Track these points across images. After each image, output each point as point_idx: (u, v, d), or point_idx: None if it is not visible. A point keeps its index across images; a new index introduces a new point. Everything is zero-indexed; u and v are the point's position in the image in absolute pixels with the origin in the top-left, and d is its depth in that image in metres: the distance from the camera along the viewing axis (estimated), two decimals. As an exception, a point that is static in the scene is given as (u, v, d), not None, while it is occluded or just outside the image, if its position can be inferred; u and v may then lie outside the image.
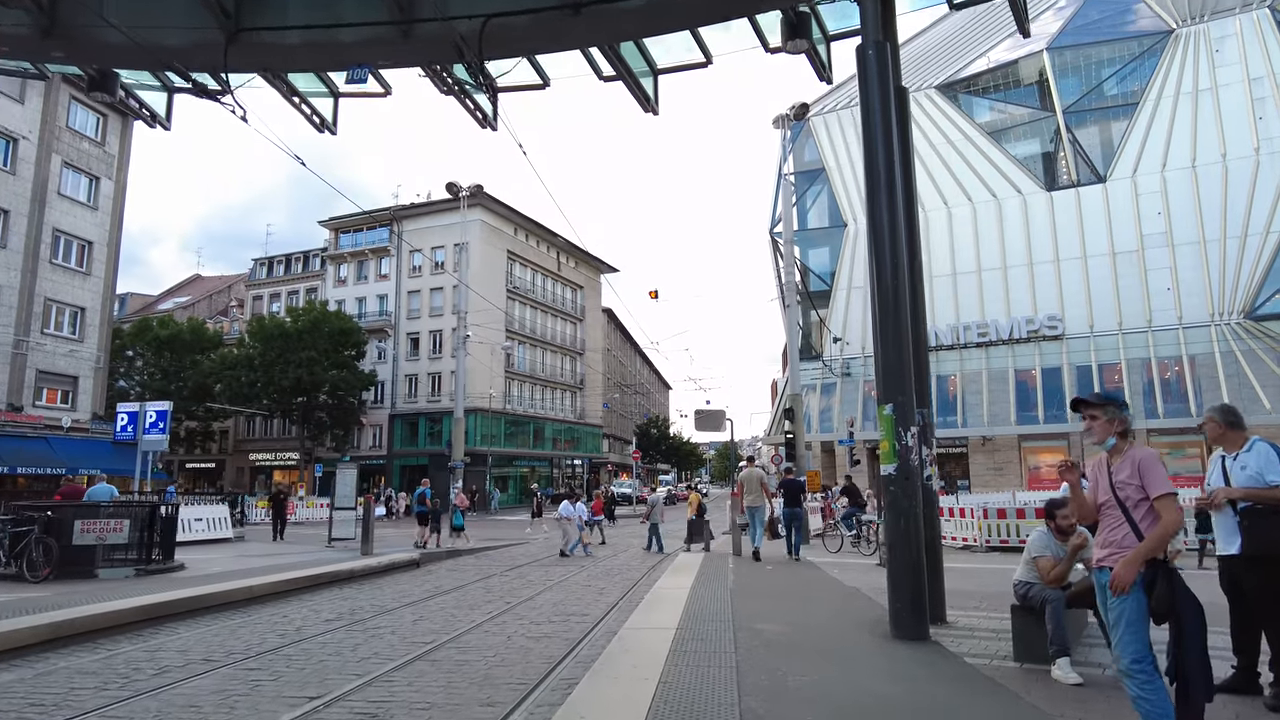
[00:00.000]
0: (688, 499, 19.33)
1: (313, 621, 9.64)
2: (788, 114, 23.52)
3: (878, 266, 7.27)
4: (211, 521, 21.25)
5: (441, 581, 13.96)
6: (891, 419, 6.92)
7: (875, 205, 7.30)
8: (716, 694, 5.28)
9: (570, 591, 12.31)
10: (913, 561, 6.73)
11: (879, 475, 7.00)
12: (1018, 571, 5.98)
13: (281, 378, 46.47)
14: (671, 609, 8.72)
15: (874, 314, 7.25)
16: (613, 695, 5.26)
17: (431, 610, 10.52)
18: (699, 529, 18.40)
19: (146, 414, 23.06)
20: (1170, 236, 34.41)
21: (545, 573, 15.22)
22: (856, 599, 9.66)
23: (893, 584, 6.87)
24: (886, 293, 7.16)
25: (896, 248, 7.17)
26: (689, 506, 19.08)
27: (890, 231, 7.18)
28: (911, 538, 6.77)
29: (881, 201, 7.24)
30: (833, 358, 40.03)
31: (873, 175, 7.36)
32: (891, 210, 7.22)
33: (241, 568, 14.38)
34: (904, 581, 6.74)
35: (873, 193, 7.34)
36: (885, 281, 7.19)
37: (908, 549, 6.76)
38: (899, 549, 6.81)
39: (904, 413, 6.91)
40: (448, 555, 18.54)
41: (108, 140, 35.47)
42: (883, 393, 7.06)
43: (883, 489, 7.02)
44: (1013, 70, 38.92)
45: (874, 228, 7.32)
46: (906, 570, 6.73)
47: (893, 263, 7.17)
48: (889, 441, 6.93)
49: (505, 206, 55.31)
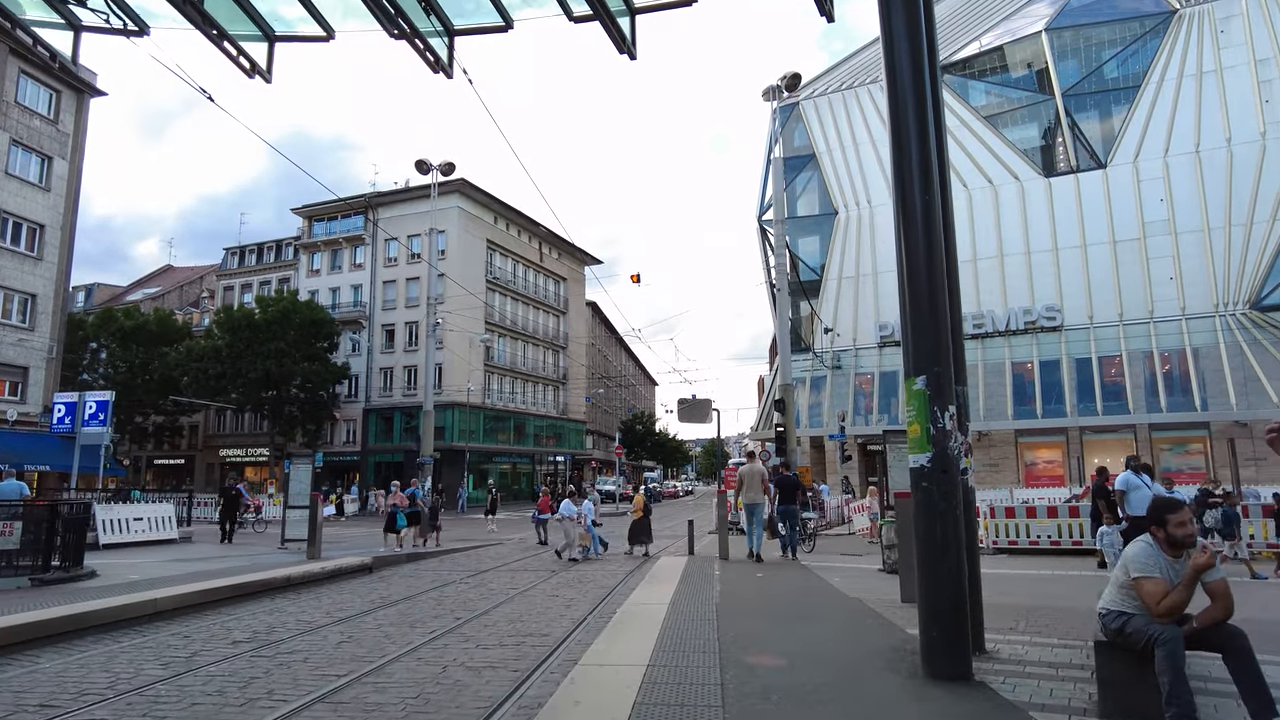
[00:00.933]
0: (633, 501, 17.88)
1: (215, 644, 8.03)
2: (778, 85, 21.99)
3: (903, 193, 5.72)
4: (154, 521, 19.52)
5: (391, 590, 12.36)
6: (925, 395, 5.39)
7: (900, 108, 5.76)
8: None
9: (533, 604, 10.75)
10: (952, 579, 5.21)
11: (910, 470, 5.44)
12: (1105, 596, 4.45)
13: (249, 370, 44.61)
14: (645, 632, 7.17)
15: (901, 261, 5.70)
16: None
17: (365, 628, 8.93)
18: (642, 530, 17.12)
19: (86, 404, 21.32)
20: (1173, 224, 33.16)
21: (510, 579, 13.65)
22: (864, 616, 8.15)
23: (926, 607, 5.34)
24: (915, 228, 5.62)
25: (927, 166, 5.63)
26: (634, 509, 17.68)
27: (919, 143, 5.65)
28: (951, 548, 5.24)
29: (908, 104, 5.70)
30: (823, 349, 38.60)
31: (895, 71, 5.82)
32: (919, 115, 5.67)
33: (165, 574, 12.72)
34: (941, 605, 5.21)
35: (897, 94, 5.80)
36: (914, 212, 5.64)
37: (946, 562, 5.23)
38: (934, 562, 5.28)
39: (941, 387, 5.39)
40: (407, 559, 16.92)
41: (61, 118, 33.49)
42: (913, 362, 5.52)
43: (913, 486, 5.47)
44: (1010, 53, 37.56)
45: (898, 141, 5.78)
46: (944, 590, 5.21)
47: (922, 183, 5.63)
48: (920, 424, 5.40)
49: (485, 194, 53.52)
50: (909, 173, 5.69)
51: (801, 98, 41.94)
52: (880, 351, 37.90)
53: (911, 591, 8.87)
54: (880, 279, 38.65)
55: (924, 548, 5.34)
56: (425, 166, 27.24)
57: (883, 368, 37.42)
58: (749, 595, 9.87)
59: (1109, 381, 32.99)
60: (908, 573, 9.02)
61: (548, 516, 20.71)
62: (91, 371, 49.03)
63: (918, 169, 5.67)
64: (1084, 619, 7.87)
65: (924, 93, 5.74)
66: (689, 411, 16.91)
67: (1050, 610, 8.36)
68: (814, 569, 13.30)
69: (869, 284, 38.99)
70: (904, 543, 9.20)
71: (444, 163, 27.20)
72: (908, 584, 8.98)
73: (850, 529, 24.42)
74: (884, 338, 37.80)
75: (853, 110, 40.76)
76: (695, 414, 17.13)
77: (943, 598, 5.20)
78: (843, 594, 9.84)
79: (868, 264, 39.11)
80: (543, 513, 20.83)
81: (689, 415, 17.13)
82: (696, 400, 17.14)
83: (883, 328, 37.85)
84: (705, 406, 17.25)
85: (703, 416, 17.20)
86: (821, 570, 13.09)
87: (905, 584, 8.99)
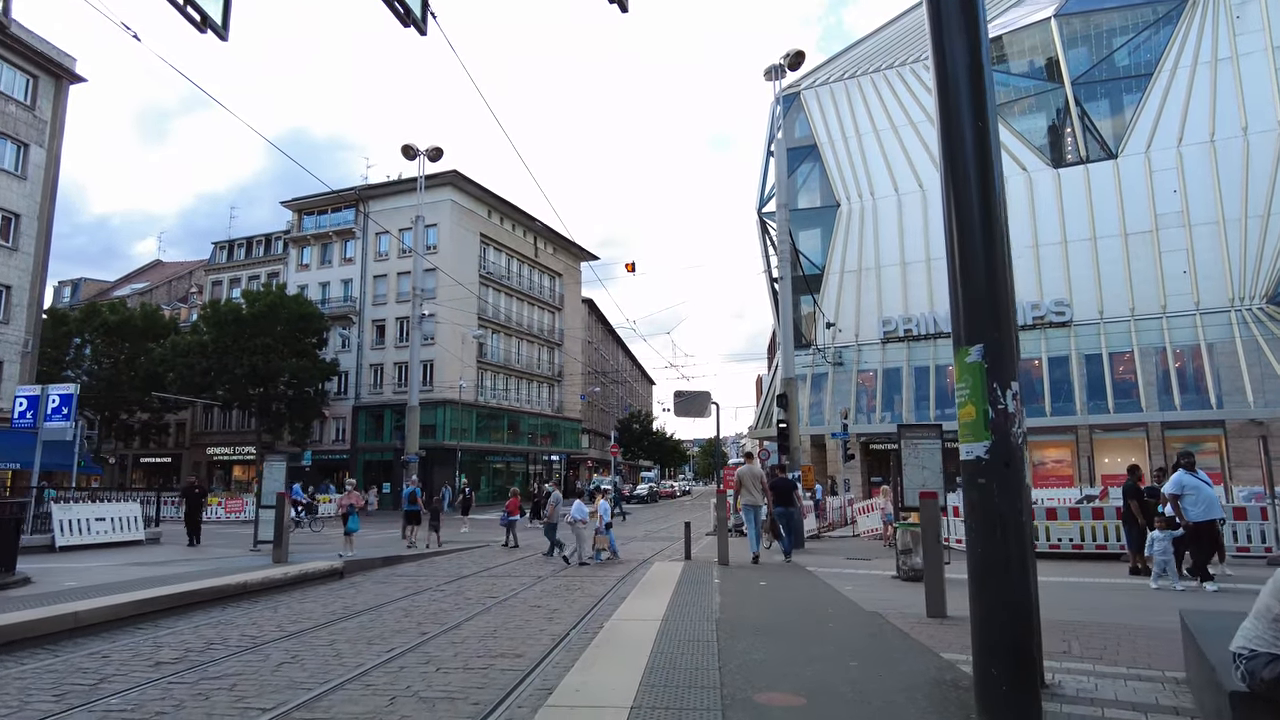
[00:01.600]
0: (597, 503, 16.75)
1: (134, 666, 6.91)
2: (781, 63, 20.88)
3: (948, 116, 4.61)
4: (118, 522, 18.39)
5: (359, 598, 11.26)
6: (981, 369, 4.29)
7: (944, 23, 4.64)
8: None
9: (512, 615, 9.64)
10: (1017, 604, 4.11)
11: (962, 463, 4.32)
12: (1247, 633, 3.35)
13: (235, 366, 43.41)
14: (631, 658, 6.05)
15: (950, 199, 4.61)
16: None
17: (315, 645, 7.82)
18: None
19: (49, 398, 20.16)
20: (1187, 216, 32.08)
21: (491, 586, 12.54)
22: (889, 636, 7.03)
23: (982, 637, 4.23)
24: (965, 155, 4.52)
25: (978, 80, 4.53)
26: (591, 512, 16.56)
27: (967, 50, 4.54)
28: (1014, 564, 4.14)
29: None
30: (825, 345, 37.49)
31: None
32: (968, 21, 4.57)
33: (110, 581, 11.58)
34: (1002, 636, 4.11)
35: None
36: (962, 137, 4.54)
37: (1008, 582, 4.12)
38: (994, 581, 4.17)
39: (1001, 358, 4.28)
40: (382, 563, 15.81)
41: (38, 104, 32.34)
42: (965, 327, 4.41)
43: (966, 484, 4.35)
44: (1017, 40, 36.48)
45: (940, 52, 4.66)
46: (1007, 617, 4.10)
47: (972, 104, 4.53)
48: (976, 406, 4.29)
49: (478, 187, 52.35)
50: (955, 87, 4.58)
51: (803, 87, 40.86)
52: (883, 347, 36.81)
53: (939, 605, 7.77)
54: (884, 273, 37.58)
55: (981, 563, 4.23)
56: (412, 152, 26.10)
57: (886, 364, 36.35)
58: (753, 609, 8.76)
59: (1120, 378, 31.92)
60: (934, 583, 7.92)
61: (517, 519, 19.67)
62: (75, 367, 47.84)
63: (966, 79, 4.55)
64: (1145, 639, 6.75)
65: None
66: (686, 404, 15.78)
67: (1099, 628, 7.25)
68: (821, 576, 12.19)
69: (872, 278, 37.90)
70: (929, 549, 8.09)
71: (431, 148, 26.05)
72: (934, 596, 7.88)
73: (855, 530, 23.34)
74: (887, 333, 36.73)
75: (855, 100, 39.66)
76: (692, 407, 15.99)
77: (1005, 627, 4.10)
78: (858, 607, 8.72)
79: (871, 257, 38.02)
80: (511, 514, 19.73)
81: (686, 408, 16.00)
82: (694, 392, 16.00)
83: (886, 323, 36.77)
84: (703, 399, 16.12)
85: (700, 410, 16.08)
86: (829, 577, 11.99)
87: (931, 596, 7.89)
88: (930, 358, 35.44)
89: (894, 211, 37.80)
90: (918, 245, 36.99)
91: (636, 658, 6.00)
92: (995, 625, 4.15)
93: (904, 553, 11.49)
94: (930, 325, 35.89)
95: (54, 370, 44.11)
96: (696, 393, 16.17)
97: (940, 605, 7.83)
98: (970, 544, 4.31)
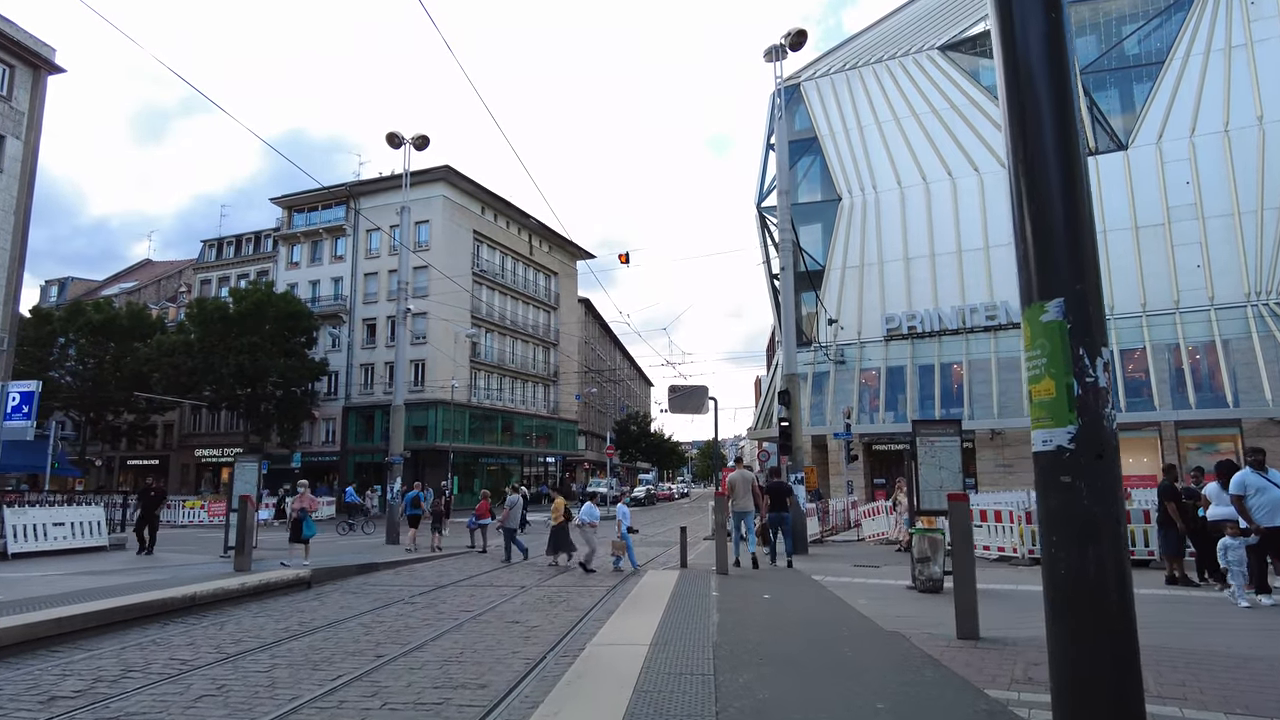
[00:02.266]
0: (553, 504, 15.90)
1: (22, 704, 5.84)
2: (782, 43, 19.80)
3: (1014, 37, 3.56)
4: (78, 527, 17.30)
5: (320, 612, 10.19)
6: (1061, 330, 3.23)
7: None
8: None
9: (484, 633, 8.58)
10: (1117, 636, 3.04)
11: (1037, 455, 3.23)
12: None
13: (222, 365, 42.27)
14: (608, 700, 4.96)
15: (1010, 101, 3.54)
16: None
17: (249, 672, 6.75)
18: (562, 539, 15.29)
19: (8, 396, 19.08)
20: (1200, 208, 31.03)
21: (469, 597, 11.47)
22: (918, 664, 5.95)
23: (1068, 680, 3.15)
24: (1030, 57, 3.48)
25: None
26: (553, 513, 15.67)
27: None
28: (1112, 583, 3.08)
29: None
30: (827, 343, 36.41)
31: None
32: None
33: (44, 594, 10.48)
34: (1095, 675, 3.04)
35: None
36: (1025, 37, 3.49)
37: (1104, 606, 3.07)
38: (1087, 606, 3.11)
39: (1087, 318, 3.22)
40: (358, 571, 14.73)
41: (15, 95, 31.29)
42: (1037, 277, 3.35)
43: (1045, 484, 3.28)
44: (1023, 29, 35.42)
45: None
46: (1104, 653, 3.04)
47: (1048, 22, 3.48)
48: (1056, 380, 3.23)
49: (472, 183, 51.25)
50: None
51: (803, 79, 39.85)
52: (887, 345, 35.74)
53: (971, 625, 6.70)
54: (886, 268, 36.52)
55: (1067, 585, 3.16)
56: (397, 139, 25.02)
57: (890, 362, 35.27)
58: (756, 629, 7.67)
59: (1131, 376, 30.86)
60: (966, 600, 6.85)
61: (488, 522, 18.68)
62: (59, 367, 46.72)
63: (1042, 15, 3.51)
64: (1231, 670, 5.66)
65: None
66: (682, 400, 14.71)
67: (1169, 653, 6.18)
68: (829, 586, 11.12)
69: (874, 273, 36.84)
70: (959, 560, 7.02)
71: (417, 136, 24.97)
72: (966, 614, 6.82)
73: (860, 534, 22.29)
74: (891, 330, 35.67)
75: (856, 91, 38.61)
76: (689, 403, 14.93)
77: (1100, 667, 3.03)
78: (876, 625, 7.65)
79: (873, 252, 36.96)
80: (480, 518, 18.82)
81: (682, 404, 14.93)
82: (690, 387, 14.93)
83: (889, 320, 35.71)
84: (700, 394, 15.06)
85: (698, 406, 15.03)
86: (838, 588, 10.92)
87: (963, 614, 6.82)
88: (935, 355, 34.39)
89: (897, 205, 36.76)
90: (921, 239, 35.95)
91: (616, 698, 4.92)
92: (1086, 664, 3.08)
93: (921, 561, 10.43)
94: (935, 322, 34.83)
95: (37, 370, 42.98)
96: (693, 388, 15.13)
97: (972, 625, 6.77)
98: (1050, 561, 3.24)
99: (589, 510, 14.49)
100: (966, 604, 6.80)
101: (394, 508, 22.74)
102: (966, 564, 6.91)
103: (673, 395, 15.16)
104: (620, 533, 14.23)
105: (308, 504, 15.11)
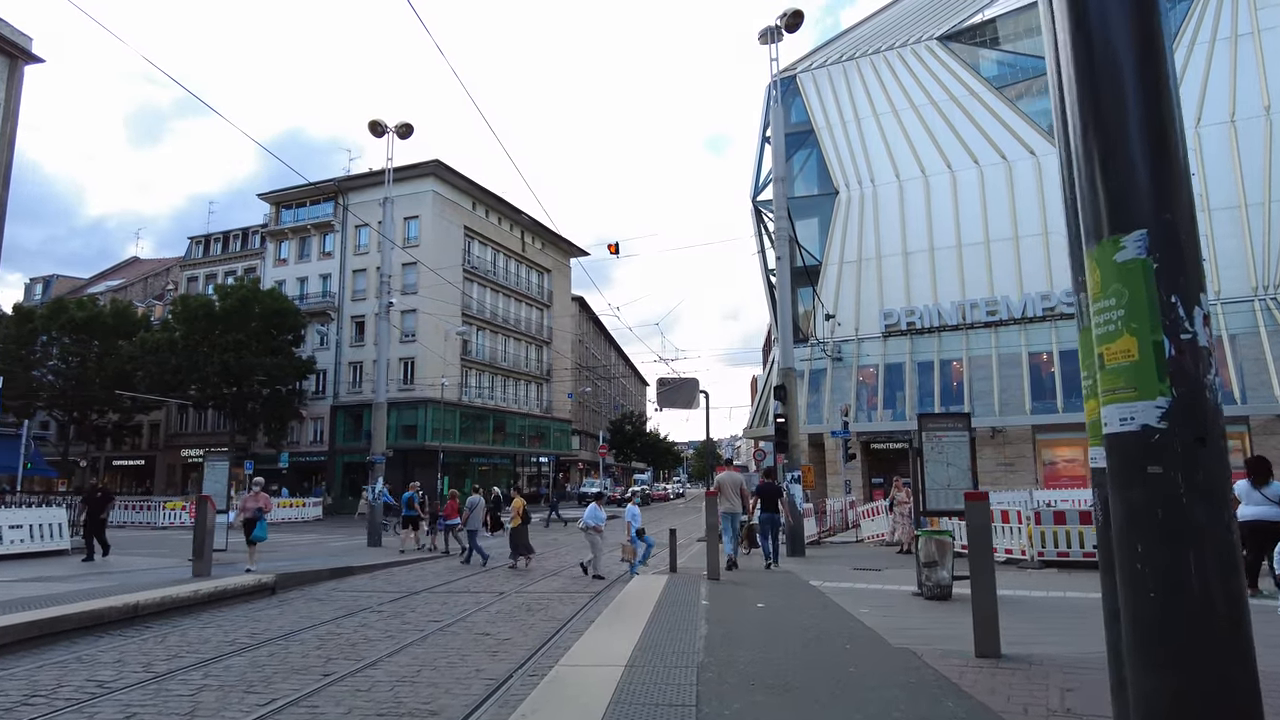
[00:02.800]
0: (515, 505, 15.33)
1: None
2: (777, 25, 19.06)
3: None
4: (38, 530, 16.45)
5: (276, 623, 9.36)
6: (1147, 271, 2.43)
7: None
8: None
9: (449, 646, 7.77)
10: (1230, 684, 2.23)
11: (1108, 438, 2.40)
12: None
13: (206, 363, 41.37)
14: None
15: (1072, 35, 2.71)
16: None
17: (171, 697, 5.91)
18: (520, 540, 14.91)
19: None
20: (1206, 200, 30.28)
21: (441, 605, 10.67)
22: (932, 688, 5.14)
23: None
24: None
25: None
26: (512, 514, 15.02)
27: None
28: (1221, 608, 2.28)
29: None
30: (824, 339, 35.63)
31: None
32: None
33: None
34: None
35: None
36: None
37: (1212, 636, 2.27)
38: (1193, 636, 2.29)
39: (1180, 257, 2.42)
40: (330, 575, 13.90)
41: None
42: (1110, 206, 2.55)
43: (1123, 476, 2.47)
44: (1023, 18, 34.67)
45: None
46: (1213, 698, 2.22)
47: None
48: (1140, 336, 2.43)
49: (462, 178, 50.39)
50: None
51: (799, 70, 39.06)
52: (885, 341, 34.97)
53: (992, 642, 5.89)
54: (885, 263, 35.75)
55: (1148, 607, 2.36)
56: (380, 128, 24.15)
57: (888, 358, 34.51)
58: (747, 646, 6.85)
59: (1135, 373, 30.12)
60: (985, 612, 6.05)
61: (455, 522, 17.95)
62: (42, 365, 45.76)
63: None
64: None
65: None
66: (672, 394, 13.92)
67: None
68: (828, 592, 10.33)
69: (872, 268, 36.07)
70: (978, 569, 6.21)
71: (400, 124, 24.11)
72: (986, 629, 6.01)
73: (858, 535, 21.55)
74: (889, 326, 34.90)
75: (854, 83, 37.83)
76: (679, 397, 14.13)
77: (1210, 715, 2.23)
78: (883, 640, 6.84)
79: (871, 247, 36.19)
80: (448, 518, 18.19)
81: (672, 399, 14.12)
82: (680, 380, 14.15)
83: (887, 315, 34.94)
84: (691, 388, 14.27)
85: (688, 400, 14.23)
86: (838, 594, 10.12)
87: (982, 629, 6.02)
88: (934, 352, 33.62)
89: (895, 198, 36.00)
90: (920, 233, 35.18)
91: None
92: (1191, 712, 2.27)
93: (928, 565, 9.64)
94: (934, 318, 34.07)
95: (19, 369, 42.08)
96: (683, 380, 14.36)
97: (993, 641, 5.97)
98: (1131, 576, 2.43)
99: (593, 512, 13.55)
100: (986, 617, 6.00)
101: (375, 509, 21.95)
102: (986, 571, 6.11)
103: (662, 389, 14.39)
104: (630, 535, 13.41)
105: (263, 503, 14.29)
